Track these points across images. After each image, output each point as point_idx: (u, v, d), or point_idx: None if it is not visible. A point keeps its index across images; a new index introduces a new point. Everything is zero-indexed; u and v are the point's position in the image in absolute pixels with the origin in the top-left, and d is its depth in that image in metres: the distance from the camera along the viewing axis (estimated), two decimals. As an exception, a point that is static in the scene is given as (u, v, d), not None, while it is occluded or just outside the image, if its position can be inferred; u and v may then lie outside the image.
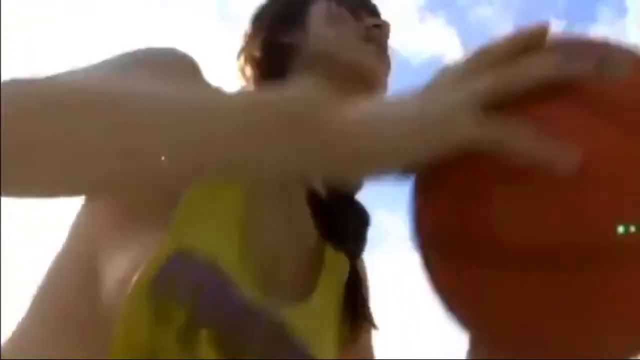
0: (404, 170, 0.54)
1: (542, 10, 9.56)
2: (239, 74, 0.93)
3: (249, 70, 0.92)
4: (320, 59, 0.87)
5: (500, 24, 9.61)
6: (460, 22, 9.53)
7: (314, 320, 0.80)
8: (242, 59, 0.93)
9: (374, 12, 0.95)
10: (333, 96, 0.54)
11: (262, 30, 0.93)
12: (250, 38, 0.93)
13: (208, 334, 0.66)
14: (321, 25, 0.89)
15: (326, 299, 0.85)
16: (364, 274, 0.95)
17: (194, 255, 0.67)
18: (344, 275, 0.90)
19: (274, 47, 0.90)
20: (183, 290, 0.64)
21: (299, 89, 0.53)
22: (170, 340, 0.63)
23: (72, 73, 0.61)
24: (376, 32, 0.89)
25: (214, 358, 0.66)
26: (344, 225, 0.89)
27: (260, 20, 0.94)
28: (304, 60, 0.88)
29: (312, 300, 0.82)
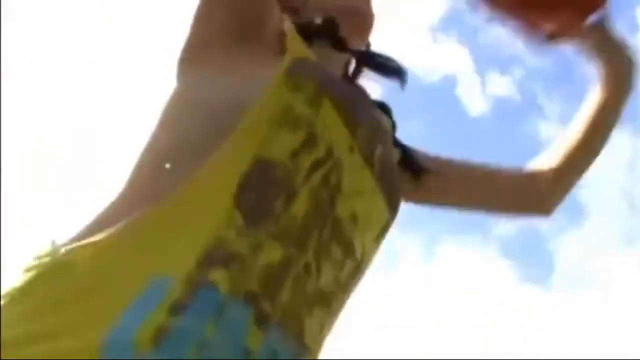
0: None
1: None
2: None
3: None
4: (322, 10, 1.08)
5: (512, 44, 9.58)
6: (472, 41, 9.53)
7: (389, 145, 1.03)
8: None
9: None
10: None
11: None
12: (257, 7, 1.09)
13: (330, 101, 0.86)
14: None
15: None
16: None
17: (309, 59, 0.90)
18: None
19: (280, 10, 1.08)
20: (311, 68, 0.88)
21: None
22: (302, 102, 0.84)
23: None
24: None
25: (335, 115, 0.86)
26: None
27: None
28: (306, 15, 1.08)
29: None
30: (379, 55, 1.19)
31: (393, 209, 0.97)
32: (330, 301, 0.84)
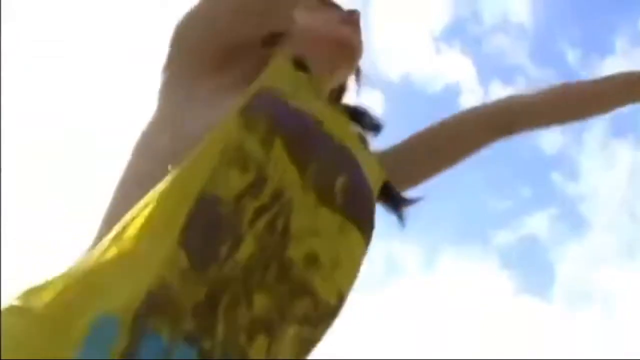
0: None
1: (557, 39, 9.58)
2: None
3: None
4: (306, 38, 1.10)
5: (515, 54, 9.62)
6: (476, 51, 9.54)
7: (367, 165, 0.99)
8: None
9: (340, 7, 1.18)
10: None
11: (253, 25, 1.12)
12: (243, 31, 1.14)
13: (281, 140, 0.85)
14: (305, 15, 1.11)
15: (370, 157, 1.06)
16: None
17: (275, 91, 0.90)
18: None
19: (265, 36, 1.10)
20: (267, 106, 0.86)
21: None
22: (254, 142, 0.83)
23: None
24: (349, 17, 1.14)
25: (285, 154, 0.85)
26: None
27: (249, 18, 1.16)
28: (292, 44, 1.09)
29: (365, 150, 1.05)
30: (351, 108, 1.19)
31: (369, 235, 0.94)
32: (272, 329, 0.81)
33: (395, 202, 1.14)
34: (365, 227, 0.93)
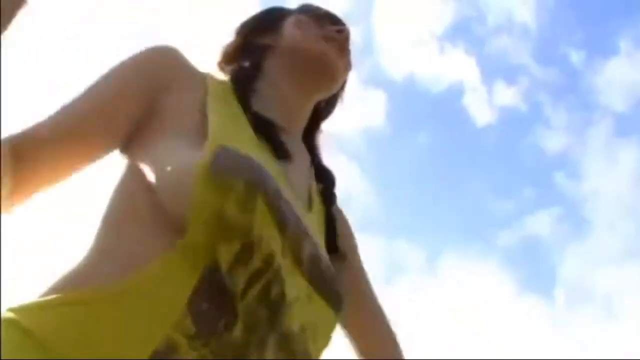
0: None
1: (560, 40, 9.56)
2: (219, 66, 1.17)
3: (227, 67, 1.15)
4: (289, 52, 1.11)
5: (518, 54, 9.60)
6: (479, 51, 9.53)
7: (315, 231, 0.97)
8: (224, 57, 1.17)
9: (338, 23, 1.18)
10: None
11: (245, 34, 1.18)
12: (235, 40, 1.19)
13: (263, 198, 0.81)
14: (291, 28, 1.14)
15: (317, 219, 1.05)
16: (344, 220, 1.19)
17: (236, 150, 0.84)
18: (322, 211, 1.10)
19: (252, 46, 1.15)
20: (239, 167, 0.81)
21: None
22: (233, 206, 0.78)
23: None
24: (336, 35, 1.13)
25: (270, 217, 0.81)
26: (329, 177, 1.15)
27: (242, 29, 1.20)
28: (276, 56, 1.12)
29: (312, 215, 1.02)
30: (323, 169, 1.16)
31: (338, 308, 0.92)
32: None
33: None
34: (334, 303, 0.91)
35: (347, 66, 1.15)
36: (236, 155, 0.83)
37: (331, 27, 1.15)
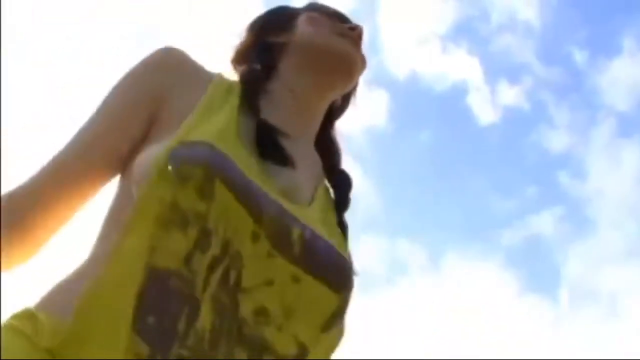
0: None
1: (563, 39, 9.54)
2: (232, 68, 1.16)
3: (240, 66, 1.14)
4: (303, 50, 1.10)
5: (522, 53, 9.58)
6: (483, 50, 9.51)
7: (313, 221, 0.93)
8: (236, 57, 1.17)
9: (347, 21, 1.17)
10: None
11: (257, 33, 1.17)
12: (246, 39, 1.18)
13: (224, 183, 0.79)
14: (305, 25, 1.12)
15: (321, 212, 1.02)
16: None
17: (197, 142, 0.83)
18: (333, 213, 1.06)
19: (265, 44, 1.13)
20: (195, 157, 0.80)
21: None
22: (189, 195, 0.77)
23: None
24: (349, 32, 1.12)
25: (232, 200, 0.80)
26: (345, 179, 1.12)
27: (254, 27, 1.19)
28: (290, 54, 1.10)
29: (313, 207, 1.00)
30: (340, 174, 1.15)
31: (340, 285, 0.90)
32: None
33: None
34: (332, 281, 0.89)
35: (364, 62, 1.13)
36: (193, 145, 0.82)
37: (344, 25, 1.14)
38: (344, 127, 1.24)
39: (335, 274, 0.89)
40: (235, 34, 1.22)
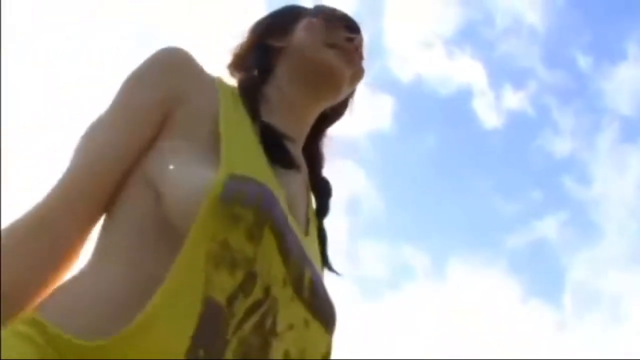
0: None
1: (568, 44, 9.51)
2: (230, 69, 1.17)
3: (237, 70, 1.15)
4: (297, 58, 1.10)
5: (526, 57, 9.55)
6: (487, 54, 9.49)
7: (312, 253, 0.96)
8: (234, 61, 1.17)
9: (352, 28, 1.16)
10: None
11: (258, 35, 1.17)
12: (248, 41, 1.18)
13: (271, 229, 0.80)
14: (302, 32, 1.12)
15: (314, 241, 1.05)
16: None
17: (247, 178, 0.83)
18: (316, 225, 1.10)
19: (265, 47, 1.14)
20: (247, 197, 0.80)
21: None
22: (240, 237, 0.78)
23: None
24: (346, 43, 1.11)
25: (274, 246, 0.81)
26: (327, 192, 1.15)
27: (256, 29, 1.19)
28: (286, 59, 1.11)
29: (309, 237, 1.01)
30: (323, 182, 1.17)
31: (332, 328, 0.93)
32: None
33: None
34: (328, 324, 0.92)
35: (356, 75, 1.13)
36: (246, 184, 0.82)
37: (343, 34, 1.13)
38: (349, 132, 1.24)
39: (330, 317, 0.92)
40: (236, 34, 1.21)
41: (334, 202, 1.14)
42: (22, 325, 0.79)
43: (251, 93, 1.04)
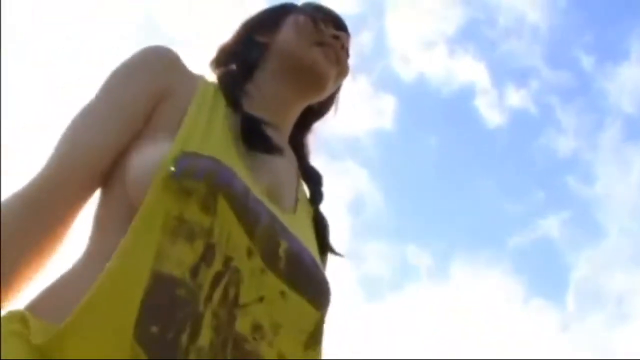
0: None
1: (571, 43, 9.49)
2: (212, 65, 1.17)
3: (217, 66, 1.15)
4: (280, 55, 1.10)
5: (528, 57, 9.53)
6: (490, 54, 9.47)
7: (301, 230, 0.96)
8: (221, 52, 1.18)
9: (339, 26, 1.17)
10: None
11: (245, 30, 1.18)
12: (235, 35, 1.19)
13: (225, 199, 0.80)
14: (287, 29, 1.13)
15: (304, 220, 1.04)
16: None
17: (198, 154, 0.83)
18: (311, 212, 1.10)
19: (250, 42, 1.14)
20: (199, 171, 0.80)
21: None
22: (194, 208, 0.78)
23: None
24: (331, 40, 1.11)
25: (232, 216, 0.81)
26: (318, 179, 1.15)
27: (244, 25, 1.20)
28: (271, 55, 1.11)
29: (297, 215, 1.01)
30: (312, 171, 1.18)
31: (320, 302, 0.91)
32: None
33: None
34: (315, 297, 0.90)
35: (341, 73, 1.14)
36: (198, 160, 0.82)
37: (328, 31, 1.13)
38: (351, 131, 1.25)
39: (316, 291, 0.90)
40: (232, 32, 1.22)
41: (337, 202, 1.16)
42: (8, 322, 0.79)
43: (230, 85, 1.05)
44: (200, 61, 1.08)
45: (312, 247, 0.99)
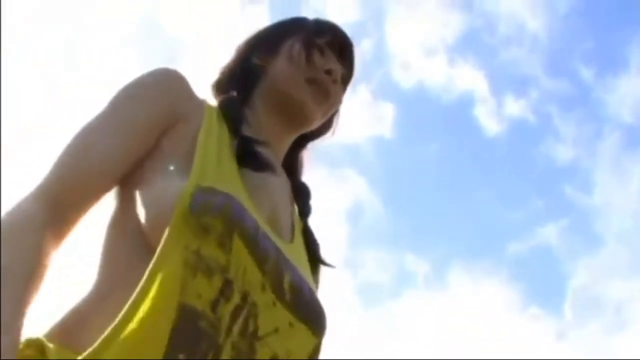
0: None
1: (570, 52, 9.50)
2: (214, 89, 1.16)
3: (218, 92, 1.14)
4: (272, 87, 1.10)
5: (528, 66, 9.55)
6: (489, 63, 9.49)
7: (298, 258, 0.99)
8: (222, 75, 1.16)
9: (341, 48, 1.17)
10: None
11: (245, 50, 1.16)
12: (236, 55, 1.17)
13: (240, 237, 0.83)
14: (281, 60, 1.11)
15: (300, 246, 1.06)
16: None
17: (215, 190, 0.85)
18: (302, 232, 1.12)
19: (248, 65, 1.13)
20: (215, 207, 0.82)
21: None
22: (212, 244, 0.80)
23: None
24: (323, 77, 1.10)
25: (246, 253, 0.83)
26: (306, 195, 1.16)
27: (247, 42, 1.18)
28: (265, 82, 1.11)
29: (295, 243, 1.04)
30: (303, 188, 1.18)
31: (320, 330, 0.95)
32: None
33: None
34: (315, 327, 0.94)
35: (332, 106, 1.13)
36: (213, 195, 0.84)
37: (323, 63, 1.11)
38: (350, 139, 1.24)
39: (316, 320, 0.94)
40: (235, 35, 1.21)
41: (336, 210, 1.15)
42: (29, 349, 0.79)
43: (233, 115, 1.04)
44: (200, 61, 1.05)
45: (307, 271, 1.02)
